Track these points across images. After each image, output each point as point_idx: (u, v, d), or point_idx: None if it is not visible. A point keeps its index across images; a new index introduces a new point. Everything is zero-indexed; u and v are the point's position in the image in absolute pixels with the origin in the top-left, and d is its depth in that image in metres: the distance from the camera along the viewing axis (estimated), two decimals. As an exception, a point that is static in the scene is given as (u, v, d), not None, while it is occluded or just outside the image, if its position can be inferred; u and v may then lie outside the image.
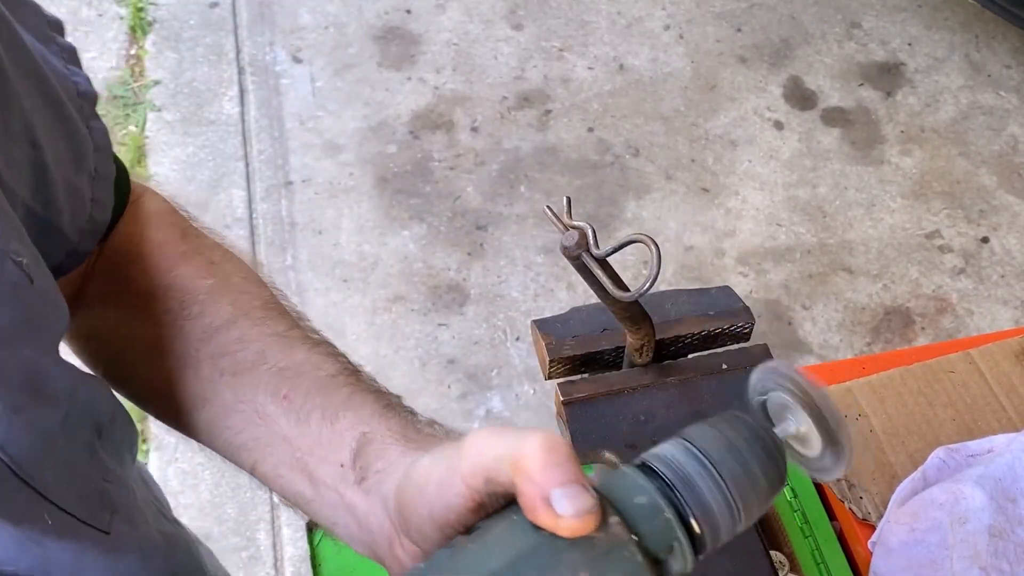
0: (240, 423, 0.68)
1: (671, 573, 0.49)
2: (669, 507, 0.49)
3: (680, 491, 0.49)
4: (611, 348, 0.80)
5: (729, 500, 0.49)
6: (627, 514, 0.49)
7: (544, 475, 0.48)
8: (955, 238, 2.63)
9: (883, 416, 1.07)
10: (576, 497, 0.47)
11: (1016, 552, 0.92)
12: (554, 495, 0.47)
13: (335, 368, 0.67)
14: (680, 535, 0.49)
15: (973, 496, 0.94)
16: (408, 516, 0.54)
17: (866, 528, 1.00)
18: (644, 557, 0.48)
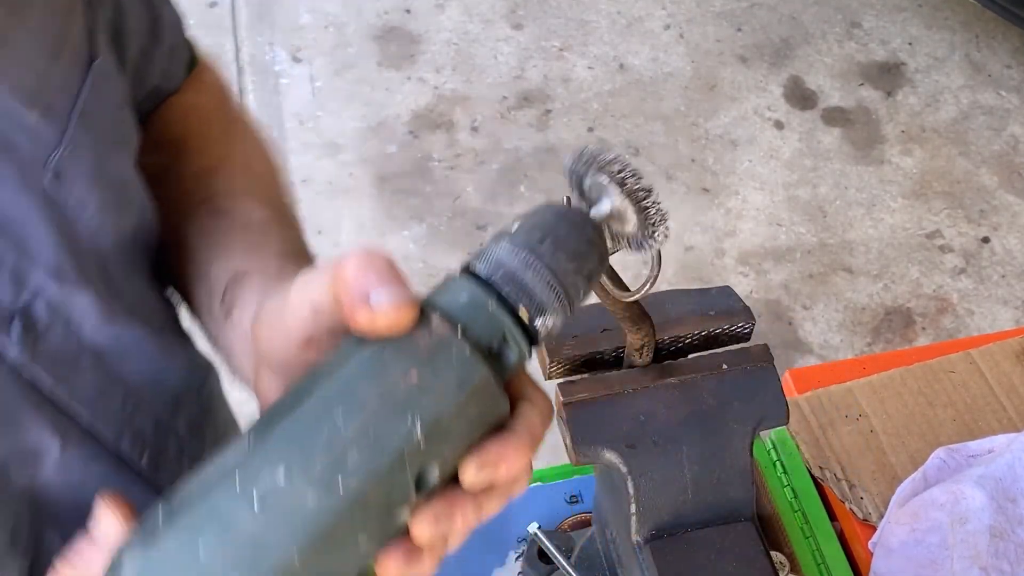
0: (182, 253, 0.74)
1: (508, 362, 0.50)
2: (493, 298, 0.50)
3: (500, 282, 0.50)
4: (611, 348, 0.79)
5: (551, 282, 0.50)
6: (451, 313, 0.49)
7: (359, 278, 0.47)
8: (955, 238, 2.63)
9: (883, 416, 1.07)
10: (392, 291, 0.47)
11: (1016, 552, 0.92)
12: (371, 294, 0.47)
13: (263, 215, 0.73)
14: (508, 323, 0.50)
15: (973, 496, 0.94)
16: (261, 351, 0.53)
17: (866, 528, 1.00)
18: (475, 350, 0.48)
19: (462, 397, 0.48)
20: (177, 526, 0.44)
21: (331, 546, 0.46)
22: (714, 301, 0.81)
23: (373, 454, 0.46)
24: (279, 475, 0.44)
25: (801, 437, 1.05)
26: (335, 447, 0.45)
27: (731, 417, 0.76)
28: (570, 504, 1.01)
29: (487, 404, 0.50)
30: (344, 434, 0.45)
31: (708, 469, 0.76)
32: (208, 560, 0.43)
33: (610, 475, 0.79)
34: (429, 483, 0.49)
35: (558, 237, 0.51)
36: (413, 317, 0.48)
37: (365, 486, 0.46)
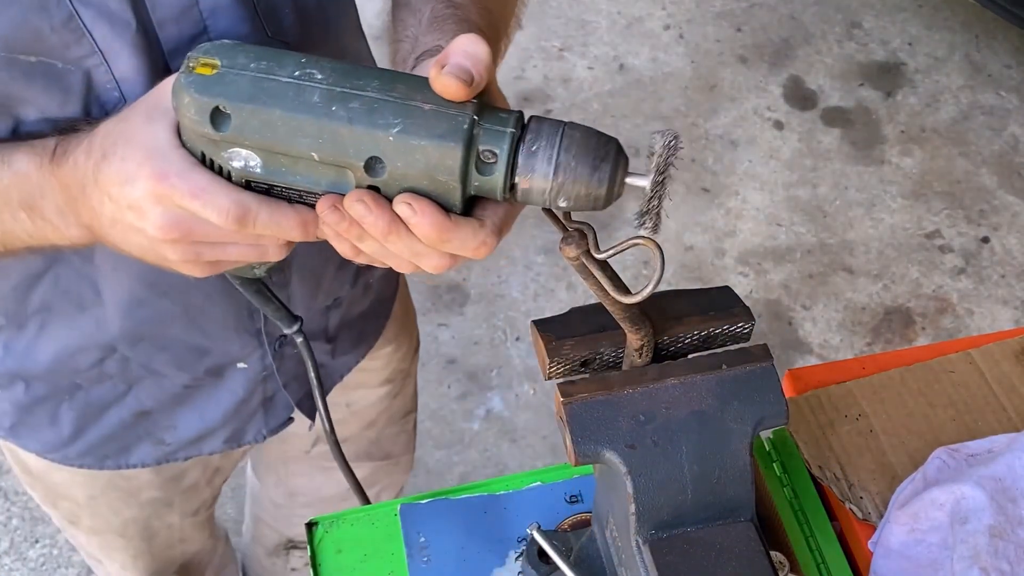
0: None
1: (482, 172, 0.64)
2: (513, 133, 0.64)
3: (529, 133, 0.64)
4: (611, 348, 0.80)
5: (552, 161, 0.64)
6: (483, 114, 0.64)
7: (453, 47, 0.65)
8: (955, 238, 2.63)
9: (883, 416, 1.07)
10: (455, 68, 0.62)
11: (1016, 552, 0.92)
12: (448, 60, 0.63)
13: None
14: (504, 154, 0.64)
15: (973, 496, 0.94)
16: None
17: (866, 528, 1.00)
18: (471, 133, 0.63)
19: (435, 141, 0.63)
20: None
21: (307, 138, 0.64)
22: (714, 301, 0.82)
23: (368, 112, 0.63)
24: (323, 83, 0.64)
25: (801, 437, 1.05)
26: (365, 94, 0.64)
27: (731, 417, 0.76)
28: (570, 504, 1.01)
29: (444, 168, 0.64)
30: (373, 93, 0.64)
31: (708, 469, 0.76)
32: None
33: (610, 475, 0.79)
34: (376, 173, 0.65)
35: (586, 149, 0.64)
36: (458, 93, 0.62)
37: (347, 122, 0.63)
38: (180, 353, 1.01)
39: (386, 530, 1.00)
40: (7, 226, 0.75)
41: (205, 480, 1.27)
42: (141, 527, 1.27)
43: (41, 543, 2.12)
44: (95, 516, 1.24)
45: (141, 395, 1.05)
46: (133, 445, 1.11)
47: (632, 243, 0.68)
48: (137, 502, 1.22)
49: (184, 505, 1.28)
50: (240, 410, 1.10)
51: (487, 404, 2.33)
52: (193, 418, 1.10)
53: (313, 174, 0.66)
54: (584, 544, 0.90)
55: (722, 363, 0.77)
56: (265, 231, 0.67)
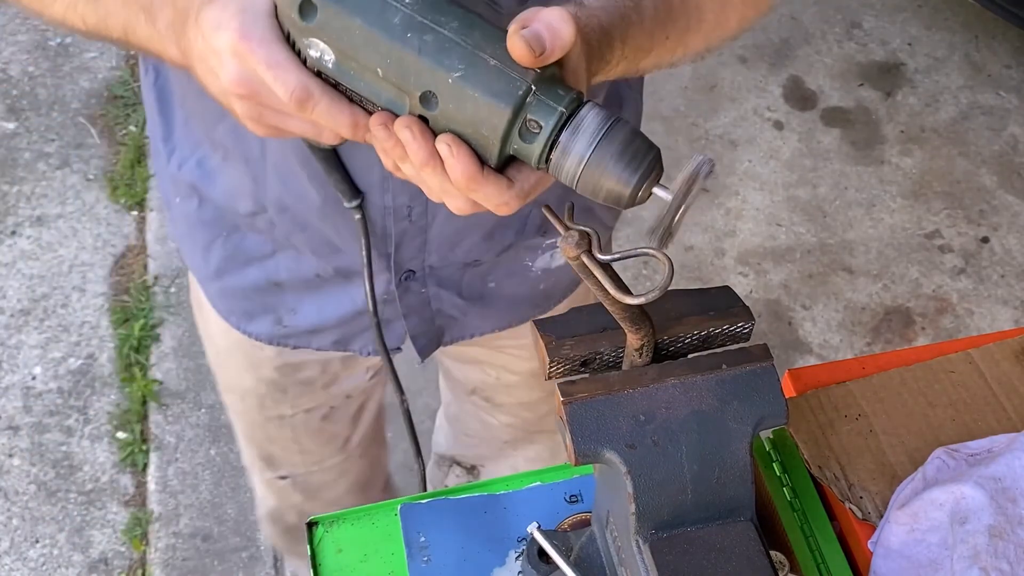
0: None
1: (524, 139, 0.67)
2: (564, 110, 0.66)
3: (573, 124, 0.67)
4: (611, 348, 0.80)
5: (584, 158, 0.66)
6: (541, 85, 0.66)
7: (537, 17, 0.67)
8: (955, 238, 2.63)
9: (883, 416, 1.07)
10: (531, 35, 0.64)
11: (1016, 552, 0.92)
12: (530, 24, 0.65)
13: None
14: (547, 128, 0.66)
15: (973, 496, 0.94)
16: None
17: (866, 528, 1.00)
18: (521, 100, 0.66)
19: (488, 97, 0.66)
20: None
21: (378, 55, 0.67)
22: (714, 301, 0.82)
23: (438, 49, 0.66)
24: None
25: (800, 437, 1.05)
26: (441, 31, 0.66)
27: (731, 417, 0.76)
28: (570, 504, 1.01)
29: (488, 124, 0.66)
30: (448, 32, 0.66)
31: (708, 469, 0.76)
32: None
33: (610, 475, 0.79)
34: (429, 107, 0.67)
35: (625, 148, 0.67)
36: (524, 58, 0.64)
37: (416, 52, 0.66)
38: (316, 240, 1.06)
39: (386, 530, 1.00)
40: (131, 20, 0.80)
41: (322, 383, 1.30)
42: (257, 403, 1.32)
43: (41, 543, 2.12)
44: (225, 370, 1.33)
45: (281, 264, 1.11)
46: (257, 314, 1.17)
47: (641, 251, 0.69)
48: (256, 375, 1.27)
49: (297, 399, 1.31)
50: (355, 320, 1.15)
51: (487, 404, 2.33)
52: (312, 309, 1.15)
53: (375, 87, 0.69)
54: (584, 544, 0.91)
55: (722, 363, 0.77)
56: (320, 120, 0.70)
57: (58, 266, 2.48)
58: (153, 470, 2.20)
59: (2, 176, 2.62)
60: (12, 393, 2.29)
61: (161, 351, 2.37)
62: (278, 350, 1.22)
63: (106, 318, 2.41)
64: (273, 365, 1.25)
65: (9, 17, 2.92)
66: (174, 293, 2.45)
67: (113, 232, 2.55)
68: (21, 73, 2.82)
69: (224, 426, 2.26)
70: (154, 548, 2.11)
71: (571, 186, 0.69)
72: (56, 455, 2.22)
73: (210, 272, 1.15)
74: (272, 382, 1.28)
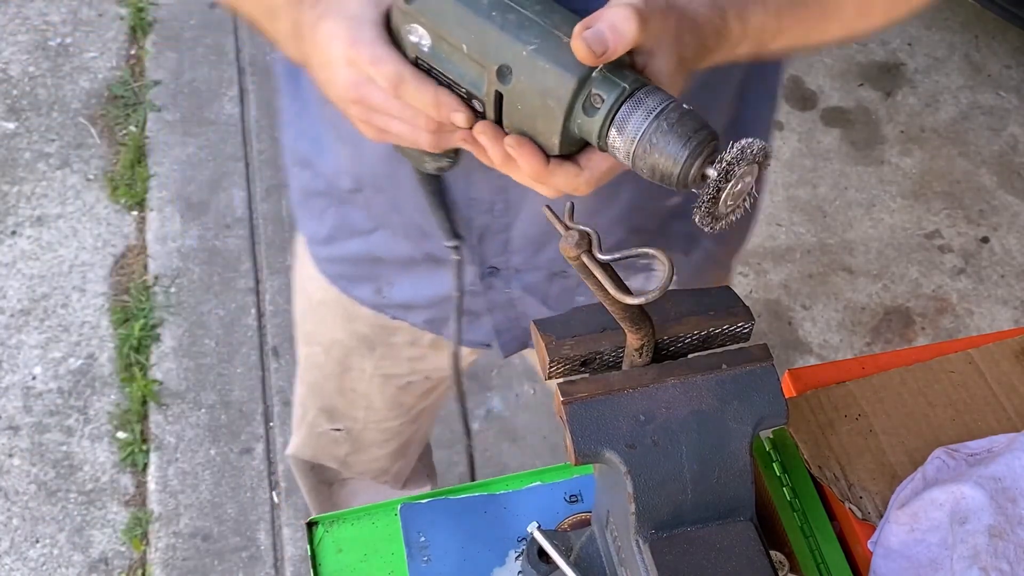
0: None
1: (586, 112, 0.70)
2: (623, 93, 0.69)
3: (633, 100, 0.69)
4: (611, 348, 0.80)
5: (639, 133, 0.69)
6: (618, 65, 0.70)
7: (602, 16, 0.70)
8: (955, 238, 2.63)
9: (883, 416, 1.07)
10: (594, 34, 0.69)
11: (1016, 552, 0.92)
12: (595, 24, 0.69)
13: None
14: (609, 102, 0.69)
15: (973, 496, 0.94)
16: None
17: (866, 528, 1.00)
18: (588, 72, 0.70)
19: (557, 68, 0.70)
20: None
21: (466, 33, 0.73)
22: (714, 301, 0.82)
23: (518, 26, 0.71)
24: None
25: (800, 437, 1.05)
26: (523, 11, 0.72)
27: (731, 417, 0.76)
28: (570, 504, 1.02)
29: (555, 95, 0.71)
30: (530, 12, 0.72)
31: (708, 469, 0.76)
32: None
33: (610, 475, 0.79)
34: (504, 80, 0.72)
35: (681, 127, 0.68)
36: (585, 58, 0.68)
37: (498, 28, 0.72)
38: (408, 223, 1.09)
39: (386, 530, 1.00)
40: (257, 16, 0.88)
41: (408, 356, 1.33)
42: (341, 355, 1.36)
43: (41, 543, 2.12)
44: (316, 321, 1.36)
45: (379, 241, 1.15)
46: (359, 281, 1.22)
47: (641, 251, 0.69)
48: (349, 329, 1.31)
49: (381, 361, 1.34)
50: (445, 304, 1.17)
51: (487, 404, 2.33)
52: (407, 286, 1.18)
53: (461, 67, 0.74)
54: (584, 544, 0.91)
55: (722, 363, 0.77)
56: (411, 100, 0.76)
57: (58, 266, 2.48)
58: (153, 470, 2.20)
59: (2, 176, 2.63)
60: (12, 393, 2.29)
61: (161, 351, 2.37)
62: (374, 313, 1.26)
63: (106, 318, 2.41)
64: (369, 323, 1.29)
65: (9, 17, 2.92)
66: (174, 293, 2.45)
67: (113, 232, 2.55)
68: (21, 73, 2.82)
69: (224, 426, 2.27)
70: (154, 548, 2.11)
71: (627, 164, 0.71)
72: (56, 455, 2.22)
73: (320, 238, 1.21)
74: (364, 337, 1.32)
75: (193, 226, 2.56)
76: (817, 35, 0.91)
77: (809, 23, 0.88)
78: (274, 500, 2.19)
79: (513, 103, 0.73)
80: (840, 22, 0.92)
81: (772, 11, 0.84)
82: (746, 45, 0.83)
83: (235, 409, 2.29)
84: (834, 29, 0.92)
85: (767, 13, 0.83)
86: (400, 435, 1.52)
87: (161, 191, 2.62)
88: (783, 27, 0.86)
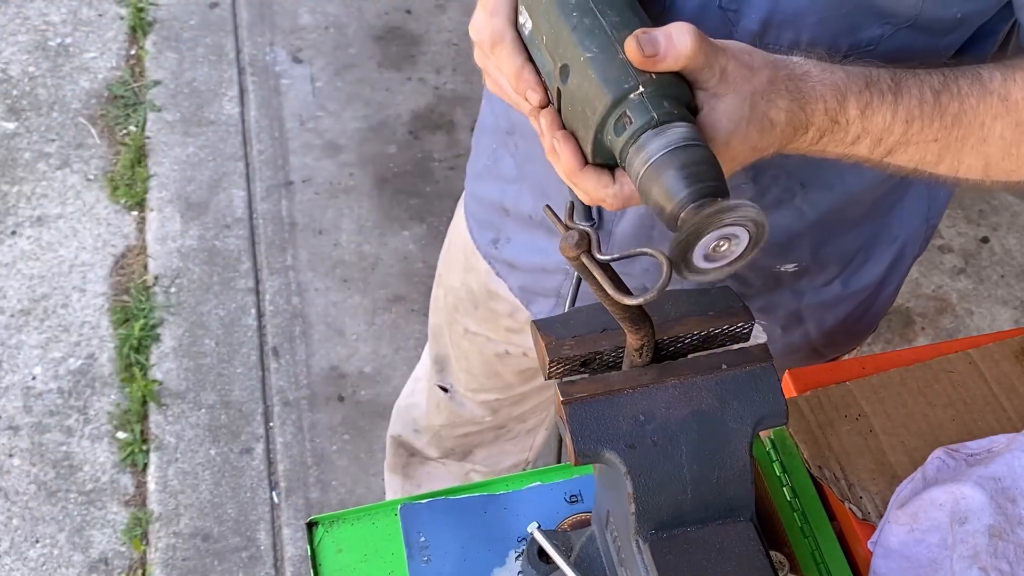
0: None
1: (619, 125, 0.72)
2: (650, 121, 0.70)
3: (657, 130, 0.70)
4: (611, 348, 0.80)
5: (650, 159, 0.69)
6: (662, 93, 0.72)
7: (666, 35, 0.72)
8: (955, 238, 2.63)
9: (883, 416, 1.07)
10: (649, 41, 0.71)
11: (1016, 552, 0.92)
12: (661, 40, 0.71)
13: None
14: (635, 125, 0.71)
15: (973, 496, 0.94)
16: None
17: (866, 528, 1.00)
18: (624, 92, 0.71)
19: (600, 80, 0.72)
20: None
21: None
22: (714, 301, 0.82)
23: (588, 32, 0.74)
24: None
25: (800, 437, 1.05)
26: (599, 19, 0.75)
27: (731, 417, 0.76)
28: (570, 504, 1.02)
29: (592, 106, 0.73)
30: (604, 22, 0.74)
31: (708, 469, 0.76)
32: None
33: (610, 475, 0.79)
34: (563, 79, 0.75)
35: (688, 167, 0.68)
36: (632, 57, 0.71)
37: (571, 30, 0.75)
38: (540, 180, 1.12)
39: (386, 530, 1.00)
40: None
41: (506, 326, 1.34)
42: (454, 304, 1.40)
43: (41, 543, 2.12)
44: (446, 263, 1.42)
45: (514, 193, 1.19)
46: (485, 227, 1.27)
47: (640, 251, 0.69)
48: (464, 279, 1.35)
49: (483, 323, 1.37)
50: (539, 275, 1.20)
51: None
52: (520, 244, 1.22)
53: (541, 55, 0.79)
54: (584, 544, 0.91)
55: (722, 363, 0.78)
56: (500, 63, 0.81)
57: (58, 266, 2.48)
58: (153, 470, 2.20)
59: (2, 176, 2.63)
60: (12, 393, 2.29)
61: (161, 351, 2.37)
62: (487, 270, 1.30)
63: (106, 318, 2.41)
64: (480, 279, 1.32)
65: (9, 17, 2.92)
66: (174, 293, 2.45)
67: (113, 232, 2.55)
68: (21, 73, 2.82)
69: (224, 426, 2.27)
70: (154, 548, 2.11)
71: (636, 187, 0.72)
72: (56, 455, 2.22)
73: (475, 171, 1.28)
74: (471, 292, 1.35)
75: (193, 226, 2.56)
76: (951, 161, 0.85)
77: (943, 144, 0.84)
78: (274, 500, 2.19)
79: (567, 102, 0.76)
80: (980, 155, 0.86)
81: (901, 116, 0.81)
82: (865, 144, 0.80)
83: (235, 409, 2.30)
84: (972, 160, 0.86)
85: (895, 116, 0.80)
86: (497, 414, 1.53)
87: (161, 191, 2.62)
88: (910, 137, 0.82)
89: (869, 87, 0.79)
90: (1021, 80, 0.84)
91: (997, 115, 0.83)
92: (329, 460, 2.24)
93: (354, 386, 2.34)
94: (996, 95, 0.83)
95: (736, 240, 0.67)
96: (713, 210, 0.65)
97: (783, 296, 1.12)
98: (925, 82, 0.82)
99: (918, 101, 0.81)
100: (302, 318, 2.43)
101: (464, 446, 1.60)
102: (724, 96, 0.73)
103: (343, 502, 2.18)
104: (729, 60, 0.73)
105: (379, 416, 2.28)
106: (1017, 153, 0.86)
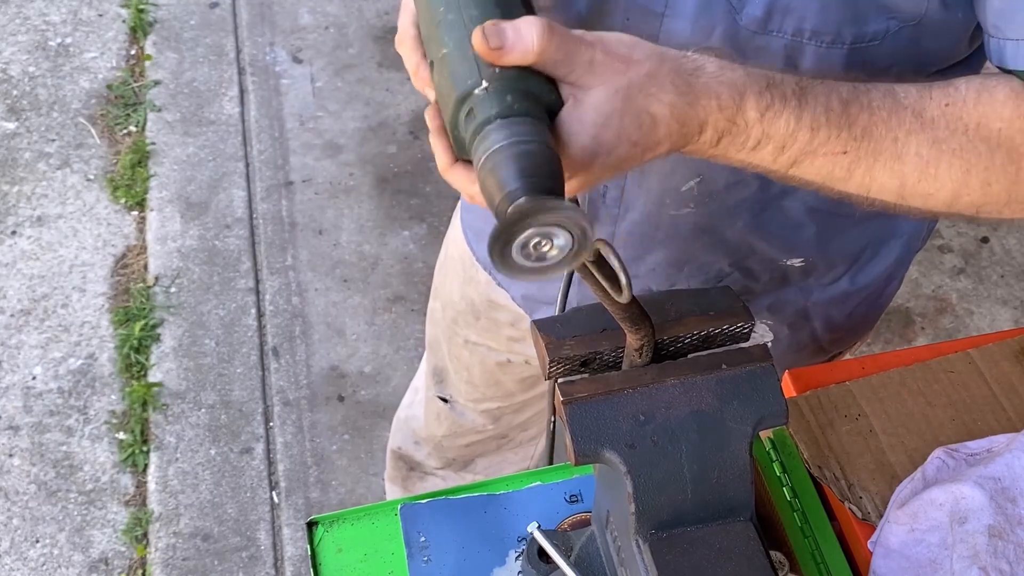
0: None
1: (468, 117, 0.70)
2: (492, 116, 0.69)
3: (501, 124, 0.68)
4: (611, 348, 0.80)
5: (485, 154, 0.68)
6: (515, 88, 0.70)
7: (530, 30, 0.70)
8: (955, 238, 2.63)
9: (883, 416, 1.07)
10: (511, 36, 0.70)
11: (1016, 552, 0.92)
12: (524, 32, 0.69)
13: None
14: (478, 118, 0.69)
15: (973, 496, 0.94)
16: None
17: (866, 528, 1.00)
18: (469, 88, 0.71)
19: (450, 75, 0.73)
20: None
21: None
22: (714, 301, 0.82)
23: (450, 27, 0.73)
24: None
25: (800, 437, 1.05)
26: (461, 15, 0.73)
27: (731, 417, 0.76)
28: (570, 504, 1.02)
29: (446, 97, 0.73)
30: (465, 18, 0.73)
31: (707, 468, 0.76)
32: None
33: (610, 475, 0.79)
34: (433, 72, 0.75)
35: (520, 161, 0.67)
36: (478, 47, 0.70)
37: (436, 26, 0.74)
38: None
39: (386, 530, 1.00)
40: None
41: (508, 335, 1.34)
42: (453, 317, 1.39)
43: (41, 543, 2.12)
44: (443, 276, 1.40)
45: None
46: (482, 236, 1.23)
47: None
48: (463, 291, 1.34)
49: (484, 333, 1.36)
50: (542, 286, 1.19)
51: (487, 404, 2.33)
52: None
53: (426, 49, 0.79)
54: (584, 544, 0.91)
55: (722, 363, 0.78)
56: (404, 58, 0.80)
57: (58, 266, 2.48)
58: (153, 470, 2.21)
59: (2, 176, 2.63)
60: (12, 393, 2.29)
61: (161, 351, 2.37)
62: (488, 280, 1.29)
63: (106, 318, 2.41)
64: (480, 291, 1.31)
65: (9, 17, 2.92)
66: (174, 293, 2.45)
67: (113, 232, 2.55)
68: (21, 73, 2.82)
69: (224, 426, 2.27)
70: (154, 548, 2.11)
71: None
72: (56, 455, 2.22)
73: None
74: (472, 304, 1.34)
75: (193, 226, 2.56)
76: (861, 177, 0.80)
77: (852, 157, 0.79)
78: (274, 500, 2.19)
79: (437, 97, 0.76)
80: (895, 174, 0.80)
81: (806, 123, 0.76)
82: (768, 150, 0.76)
83: (235, 409, 2.30)
84: (885, 179, 0.80)
85: (799, 122, 0.76)
86: (499, 422, 1.52)
87: (161, 191, 2.62)
88: (817, 147, 0.77)
89: (770, 88, 0.75)
90: (938, 97, 0.80)
91: (911, 130, 0.79)
92: (329, 460, 2.24)
93: (354, 386, 2.34)
94: (910, 110, 0.79)
95: (558, 241, 0.64)
96: (533, 206, 0.63)
97: (790, 294, 1.12)
98: (833, 91, 0.77)
99: (824, 108, 0.76)
100: (302, 318, 2.43)
101: (466, 456, 1.60)
102: (591, 89, 0.70)
103: (343, 502, 2.18)
104: (598, 52, 0.70)
105: (379, 416, 2.28)
106: (935, 174, 0.80)
